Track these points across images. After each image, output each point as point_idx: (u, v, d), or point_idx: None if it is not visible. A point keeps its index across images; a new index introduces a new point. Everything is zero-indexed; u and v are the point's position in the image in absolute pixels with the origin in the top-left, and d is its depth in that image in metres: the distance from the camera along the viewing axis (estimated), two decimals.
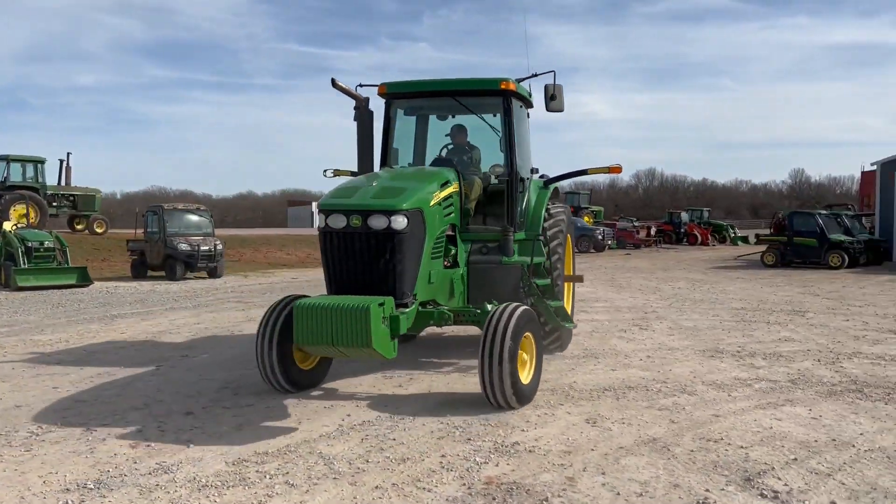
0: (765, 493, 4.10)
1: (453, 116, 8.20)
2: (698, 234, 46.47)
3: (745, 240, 46.99)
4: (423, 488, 4.22)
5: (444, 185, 6.50)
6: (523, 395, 5.88)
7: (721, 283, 18.33)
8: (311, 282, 19.44)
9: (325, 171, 8.82)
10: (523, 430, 5.32)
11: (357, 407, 6.06)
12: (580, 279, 9.03)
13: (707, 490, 4.15)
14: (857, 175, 45.98)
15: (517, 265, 7.18)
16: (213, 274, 20.38)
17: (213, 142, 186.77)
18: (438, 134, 8.49)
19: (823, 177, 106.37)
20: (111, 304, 14.11)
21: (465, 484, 4.28)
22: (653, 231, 44.67)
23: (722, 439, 5.10)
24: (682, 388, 6.63)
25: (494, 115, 7.93)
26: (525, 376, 5.97)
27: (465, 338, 9.45)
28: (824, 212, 26.28)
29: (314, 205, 75.58)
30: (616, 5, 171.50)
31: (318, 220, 5.99)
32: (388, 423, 5.55)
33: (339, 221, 5.75)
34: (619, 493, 4.11)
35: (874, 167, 28.22)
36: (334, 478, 4.39)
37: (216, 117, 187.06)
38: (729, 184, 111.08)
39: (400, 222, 5.69)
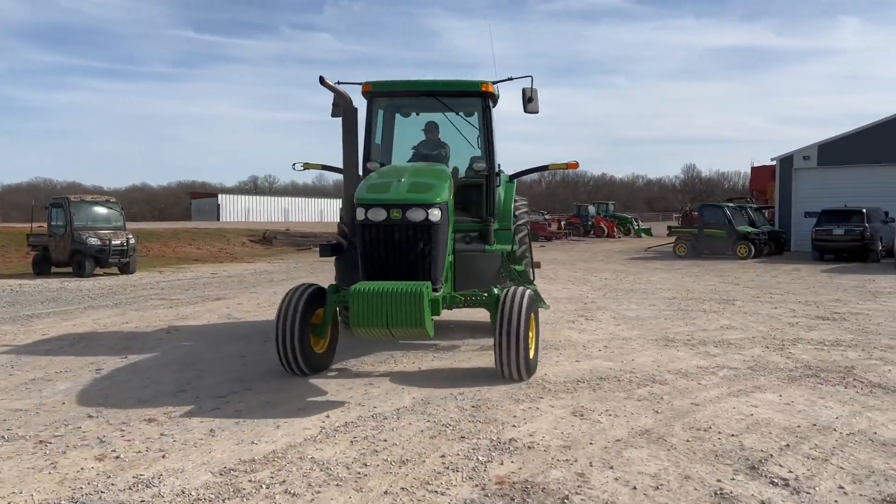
0: (774, 481, 4.14)
1: (417, 114, 8.55)
2: (605, 227, 47.84)
3: (648, 232, 48.67)
4: (435, 491, 4.03)
5: (449, 180, 6.85)
6: (531, 369, 6.54)
7: (643, 273, 18.87)
8: (233, 277, 18.71)
9: (293, 164, 9.19)
10: (514, 426, 5.20)
11: (333, 407, 5.77)
12: (538, 265, 9.40)
13: (719, 480, 4.14)
14: (746, 170, 48.50)
15: (498, 253, 7.57)
16: (126, 270, 19.24)
17: (102, 132, 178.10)
18: (403, 131, 8.76)
19: (713, 172, 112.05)
20: (20, 303, 13.06)
21: (476, 485, 4.11)
22: (563, 224, 45.80)
23: (710, 428, 5.14)
24: (652, 378, 6.69)
25: (471, 115, 8.29)
26: (531, 352, 6.51)
27: None
28: (731, 204, 27.53)
29: (221, 197, 73.26)
30: (517, 1, 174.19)
31: (358, 213, 6.28)
32: (371, 424, 5.30)
33: (379, 214, 6.12)
34: (635, 488, 4.05)
35: (773, 162, 29.79)
36: (337, 484, 4.13)
37: (104, 106, 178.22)
38: (626, 178, 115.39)
39: (436, 214, 6.19)
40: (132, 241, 19.23)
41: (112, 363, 7.57)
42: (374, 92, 8.04)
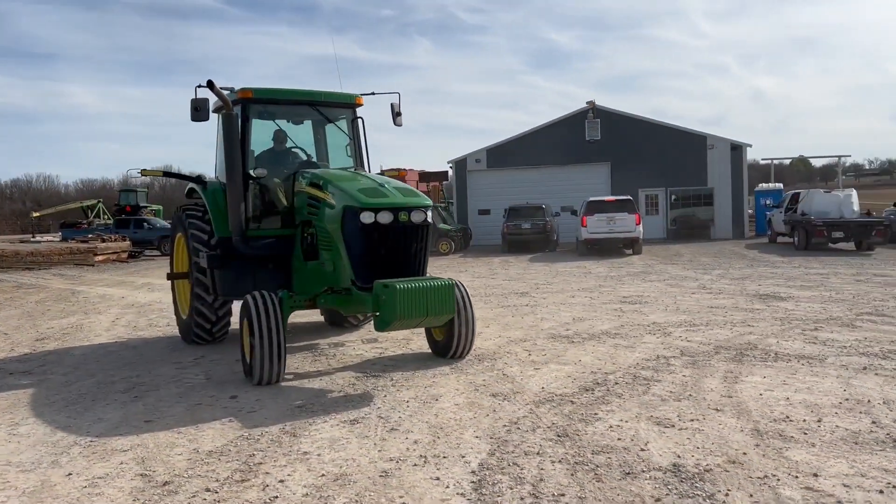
0: None
1: (290, 122, 8.81)
2: None
3: None
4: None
5: None
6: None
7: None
8: None
9: (129, 170, 8.63)
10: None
11: (359, 404, 4.49)
12: None
13: None
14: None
15: None
16: None
17: None
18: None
19: None
20: None
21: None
22: None
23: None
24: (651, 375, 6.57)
25: (342, 124, 8.75)
26: None
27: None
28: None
29: None
30: None
31: (366, 216, 6.45)
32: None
33: (387, 217, 6.45)
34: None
35: (449, 165, 32.10)
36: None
37: None
38: None
39: (430, 215, 6.75)
40: None
41: None
42: (253, 98, 7.94)
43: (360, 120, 8.74)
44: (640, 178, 30.06)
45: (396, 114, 8.67)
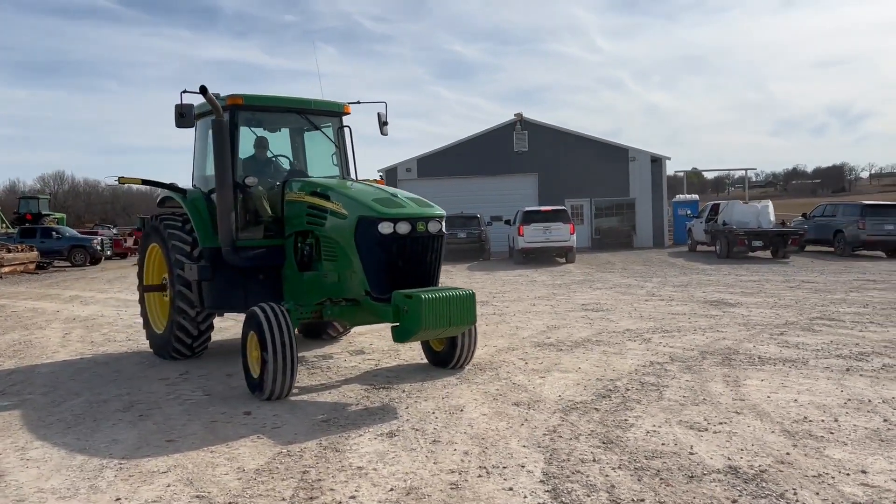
0: None
1: (278, 130, 8.71)
2: None
3: None
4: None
5: None
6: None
7: None
8: None
9: (106, 177, 8.69)
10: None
11: (385, 416, 4.47)
12: None
13: None
14: None
15: None
16: None
17: None
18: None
19: None
20: None
21: None
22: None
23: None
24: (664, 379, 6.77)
25: (329, 132, 8.69)
26: None
27: None
28: None
29: None
30: None
31: (384, 227, 6.39)
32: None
33: (405, 227, 6.42)
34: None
35: (380, 174, 31.94)
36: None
37: None
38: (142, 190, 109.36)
39: (444, 226, 6.83)
40: None
41: None
42: (243, 105, 7.83)
43: (347, 129, 8.67)
44: (566, 189, 30.88)
45: (383, 123, 8.69)
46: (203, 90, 7.04)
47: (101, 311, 13.47)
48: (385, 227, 6.37)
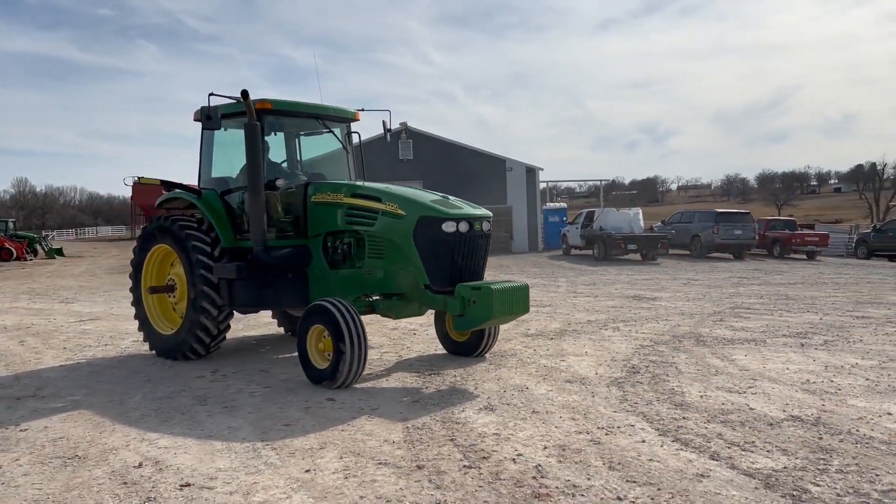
0: None
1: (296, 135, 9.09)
2: (13, 248, 41.43)
3: (60, 252, 43.64)
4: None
5: None
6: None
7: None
8: None
9: (124, 178, 8.44)
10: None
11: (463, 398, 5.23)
12: None
13: None
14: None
15: None
16: None
17: None
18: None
19: (47, 186, 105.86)
20: None
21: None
22: None
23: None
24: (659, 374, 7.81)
25: (341, 137, 9.09)
26: None
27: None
28: None
29: None
30: None
31: (448, 226, 7.06)
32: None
33: (465, 226, 7.14)
34: None
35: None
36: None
37: None
38: None
39: (492, 226, 7.61)
40: None
41: None
42: (271, 110, 8.13)
43: (356, 134, 9.17)
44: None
45: (388, 130, 9.33)
46: (244, 94, 7.36)
47: (31, 321, 12.69)
48: (449, 226, 7.02)
